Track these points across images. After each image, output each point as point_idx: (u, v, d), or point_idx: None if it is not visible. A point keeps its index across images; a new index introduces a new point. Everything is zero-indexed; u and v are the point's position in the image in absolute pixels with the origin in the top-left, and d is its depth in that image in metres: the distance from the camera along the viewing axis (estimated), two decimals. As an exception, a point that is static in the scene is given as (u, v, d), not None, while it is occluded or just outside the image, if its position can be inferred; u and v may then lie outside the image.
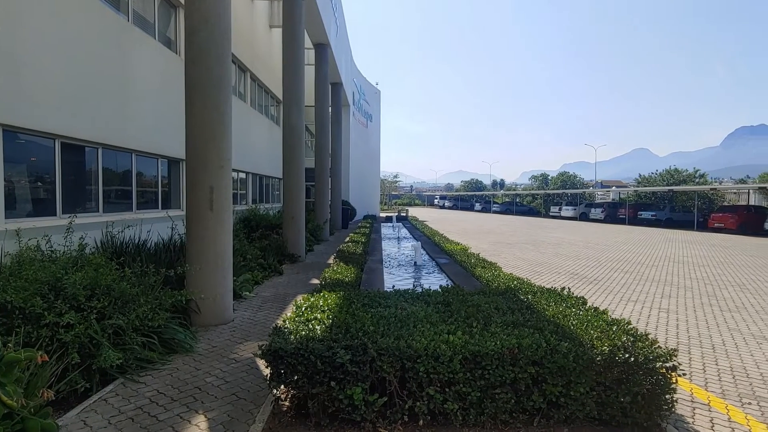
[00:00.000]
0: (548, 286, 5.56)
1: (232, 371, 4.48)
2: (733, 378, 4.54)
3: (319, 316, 4.08)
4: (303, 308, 4.36)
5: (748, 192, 37.06)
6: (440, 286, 5.39)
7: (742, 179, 54.53)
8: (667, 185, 38.83)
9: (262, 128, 18.72)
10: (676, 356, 3.47)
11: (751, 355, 5.23)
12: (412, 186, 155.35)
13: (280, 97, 13.84)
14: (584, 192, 49.60)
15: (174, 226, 7.62)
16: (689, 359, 5.07)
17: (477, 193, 74.79)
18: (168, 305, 5.16)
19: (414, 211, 49.37)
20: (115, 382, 4.16)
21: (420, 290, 5.25)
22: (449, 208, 69.66)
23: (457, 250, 11.81)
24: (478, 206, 61.30)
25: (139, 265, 5.45)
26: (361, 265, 8.99)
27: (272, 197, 20.81)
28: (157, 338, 4.78)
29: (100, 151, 8.08)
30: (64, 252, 5.51)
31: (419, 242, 12.80)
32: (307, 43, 17.05)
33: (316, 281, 8.76)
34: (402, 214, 32.65)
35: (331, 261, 10.81)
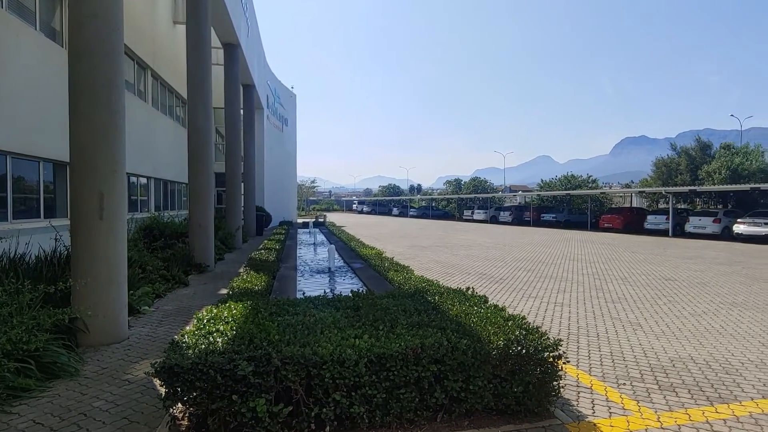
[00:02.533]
0: (457, 287, 5.79)
1: (125, 393, 4.13)
2: (612, 362, 5.06)
3: (222, 327, 3.90)
4: (204, 321, 4.14)
5: (631, 195, 41.69)
6: (351, 291, 5.40)
7: (627, 184, 61.35)
8: (565, 189, 42.41)
9: (166, 130, 17.60)
10: (561, 346, 3.78)
11: (628, 341, 5.86)
12: (330, 191, 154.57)
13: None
14: (494, 196, 52.74)
15: (59, 236, 6.88)
16: (577, 347, 5.56)
17: (395, 197, 76.28)
18: (48, 325, 4.63)
19: (332, 217, 49.16)
20: (-21, 417, 3.65)
21: (331, 296, 5.22)
22: (368, 212, 70.35)
23: (371, 254, 11.92)
24: (396, 211, 62.58)
25: (12, 282, 4.84)
26: (273, 272, 8.74)
27: (178, 204, 19.62)
28: (34, 363, 4.27)
29: (-35, 153, 7.09)
30: None
31: (334, 246, 12.75)
32: (216, 42, 16.36)
33: (225, 291, 8.34)
34: (320, 220, 32.37)
35: (242, 270, 10.40)
